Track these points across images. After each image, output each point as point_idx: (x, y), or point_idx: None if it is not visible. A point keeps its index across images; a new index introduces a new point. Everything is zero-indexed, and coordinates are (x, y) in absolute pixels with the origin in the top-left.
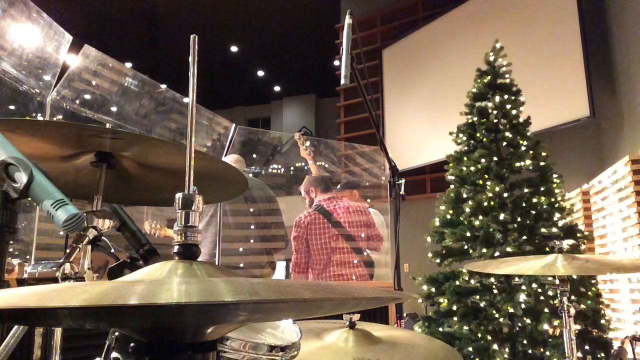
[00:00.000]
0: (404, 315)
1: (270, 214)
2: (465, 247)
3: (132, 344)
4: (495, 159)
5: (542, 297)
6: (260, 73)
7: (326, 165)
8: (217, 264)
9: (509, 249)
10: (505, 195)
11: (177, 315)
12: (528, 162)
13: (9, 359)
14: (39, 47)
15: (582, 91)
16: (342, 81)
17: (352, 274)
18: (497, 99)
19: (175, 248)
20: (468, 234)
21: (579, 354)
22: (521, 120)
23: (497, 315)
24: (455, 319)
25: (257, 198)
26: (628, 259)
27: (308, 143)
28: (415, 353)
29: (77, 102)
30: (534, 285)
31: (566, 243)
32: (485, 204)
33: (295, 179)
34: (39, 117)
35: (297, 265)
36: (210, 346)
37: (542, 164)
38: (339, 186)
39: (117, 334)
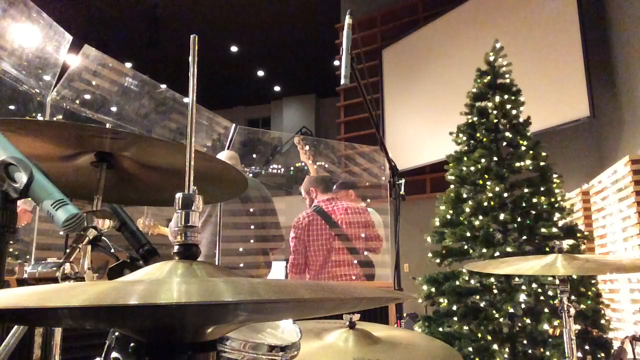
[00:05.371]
0: (404, 315)
1: (267, 213)
2: (465, 247)
3: (132, 344)
4: (495, 159)
5: (542, 297)
6: (260, 73)
7: (326, 166)
8: (216, 264)
9: (509, 249)
10: (505, 195)
11: (177, 315)
12: (528, 162)
13: (9, 359)
14: (39, 47)
15: (582, 91)
16: (342, 81)
17: (349, 275)
18: (497, 99)
19: (175, 248)
20: (468, 234)
21: (579, 354)
22: (521, 120)
23: (497, 315)
24: (455, 319)
25: (253, 198)
26: (628, 259)
27: (308, 147)
28: (415, 353)
29: (77, 102)
30: (534, 285)
31: (566, 243)
32: (485, 204)
33: (295, 179)
34: (39, 117)
35: (294, 266)
36: (210, 346)
37: (542, 164)
38: (334, 187)
39: (117, 334)
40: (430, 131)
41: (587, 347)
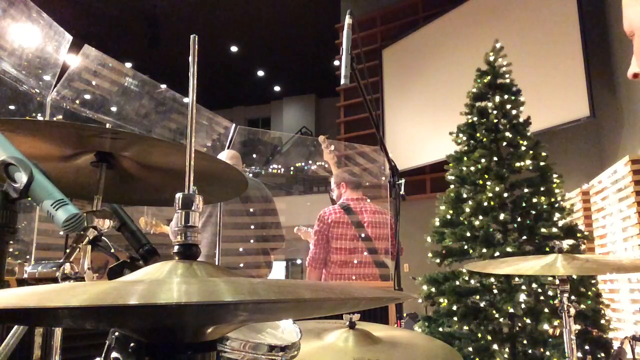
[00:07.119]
0: (404, 315)
1: (268, 213)
2: (465, 247)
3: (132, 344)
4: (495, 159)
5: (542, 297)
6: (260, 73)
7: (326, 165)
8: (216, 264)
9: (509, 249)
10: (505, 195)
11: (177, 315)
12: (528, 162)
13: (9, 359)
14: (39, 47)
15: (582, 91)
16: (342, 81)
17: (367, 277)
18: (497, 99)
19: (175, 248)
20: (468, 234)
21: (579, 354)
22: (521, 120)
23: (497, 315)
24: (455, 319)
25: (253, 198)
26: (628, 259)
27: (333, 147)
28: (415, 353)
29: (77, 102)
30: (534, 285)
31: (566, 243)
32: (485, 204)
33: (295, 179)
34: (39, 117)
35: (314, 260)
36: (210, 346)
37: (542, 164)
38: None
39: (117, 334)
40: (430, 131)
41: (587, 347)
